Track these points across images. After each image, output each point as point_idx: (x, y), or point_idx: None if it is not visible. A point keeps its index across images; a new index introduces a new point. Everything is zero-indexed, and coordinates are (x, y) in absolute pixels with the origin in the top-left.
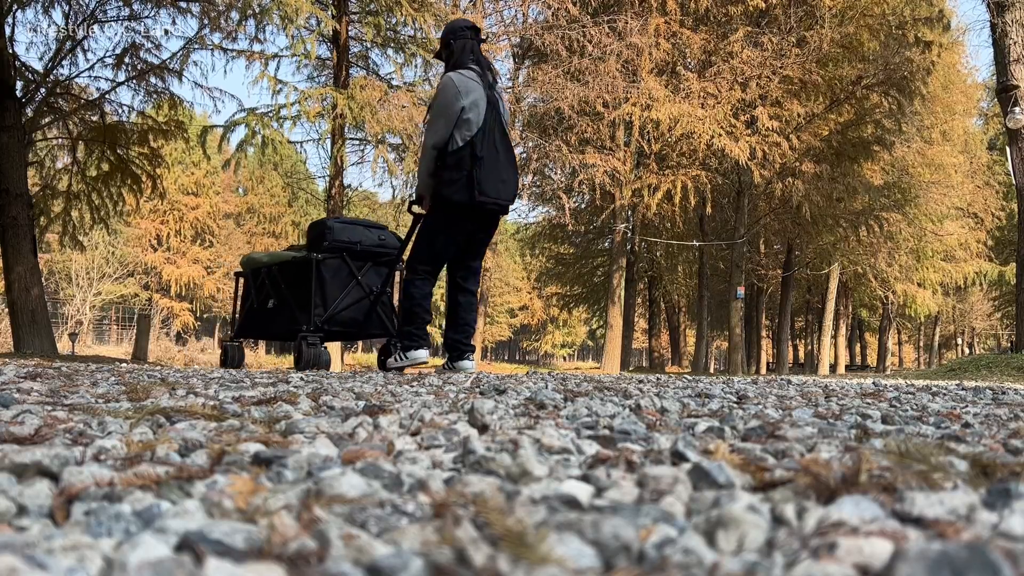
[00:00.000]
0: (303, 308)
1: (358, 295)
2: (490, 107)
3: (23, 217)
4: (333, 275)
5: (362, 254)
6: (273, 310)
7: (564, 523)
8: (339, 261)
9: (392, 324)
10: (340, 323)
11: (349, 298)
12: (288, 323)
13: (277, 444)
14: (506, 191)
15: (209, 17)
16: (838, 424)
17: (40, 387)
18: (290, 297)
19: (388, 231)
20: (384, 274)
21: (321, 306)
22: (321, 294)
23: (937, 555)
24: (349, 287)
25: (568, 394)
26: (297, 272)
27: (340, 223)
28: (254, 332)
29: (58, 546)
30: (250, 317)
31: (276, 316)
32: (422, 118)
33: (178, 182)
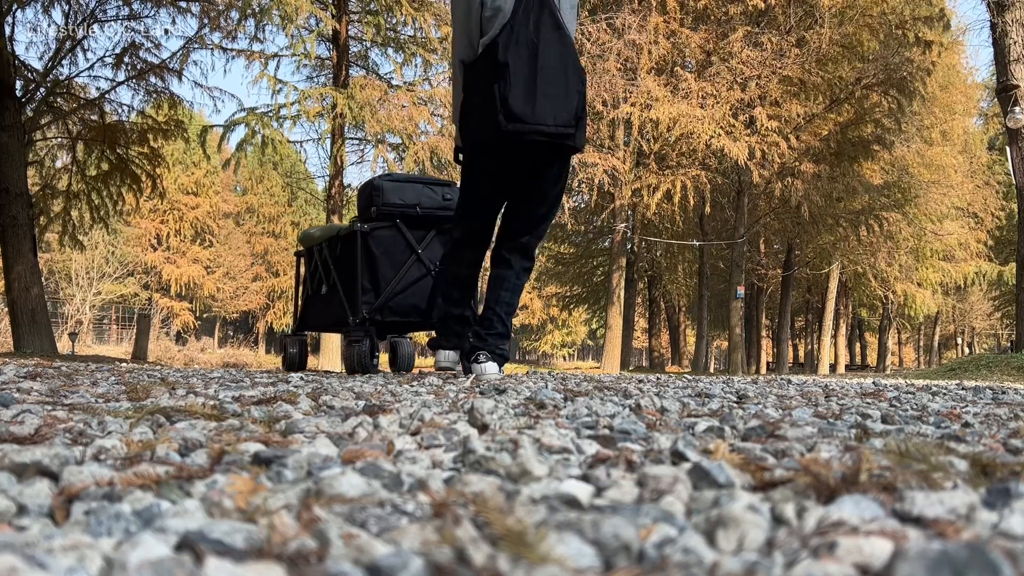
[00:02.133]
0: (350, 295)
1: (418, 274)
2: None
3: (23, 216)
4: (385, 250)
5: (422, 220)
6: (326, 297)
7: (564, 522)
8: (392, 232)
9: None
10: (397, 312)
11: (407, 279)
12: (340, 314)
13: (277, 444)
14: (557, 110)
15: (209, 16)
16: (838, 424)
17: (40, 387)
18: (338, 281)
19: (454, 188)
20: None
21: (371, 291)
22: (370, 275)
23: (937, 555)
24: (407, 265)
25: (568, 394)
26: (344, 249)
27: (392, 181)
28: (313, 323)
29: (58, 546)
30: (308, 306)
31: (328, 305)
32: (422, 118)
33: (178, 182)
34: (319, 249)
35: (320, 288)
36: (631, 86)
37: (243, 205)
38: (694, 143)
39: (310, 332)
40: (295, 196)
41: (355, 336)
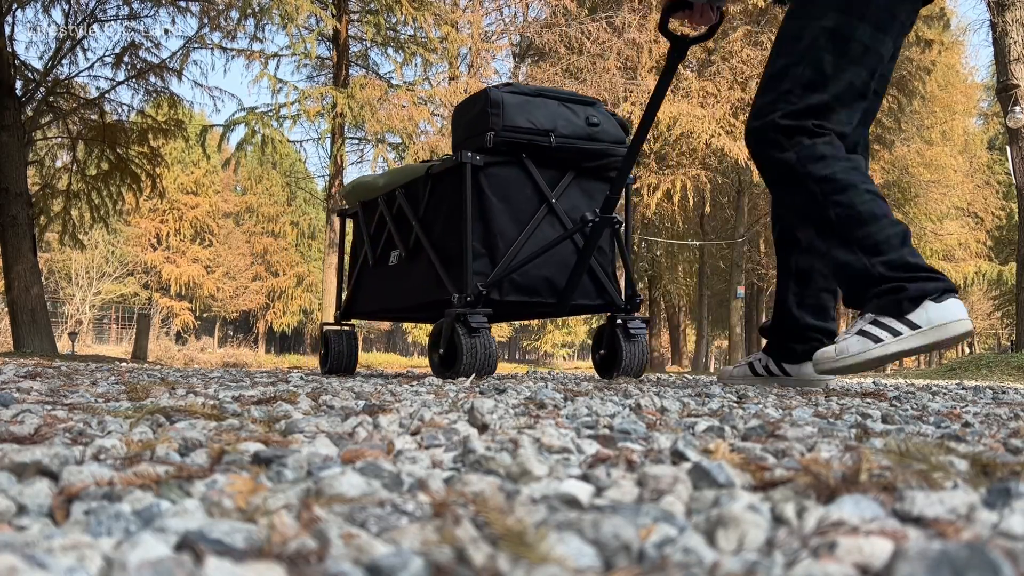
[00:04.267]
0: (452, 261)
1: (551, 233)
2: None
3: (23, 216)
4: (505, 195)
5: (558, 155)
6: (400, 269)
7: (564, 522)
8: (516, 170)
9: (617, 290)
10: (522, 288)
11: (536, 240)
12: (426, 290)
13: (277, 443)
14: None
15: (209, 16)
16: (838, 423)
17: (40, 386)
18: (428, 243)
19: (601, 109)
20: (600, 193)
21: (486, 255)
22: (485, 232)
23: (937, 554)
24: (536, 218)
25: (568, 393)
26: (439, 196)
27: (516, 94)
28: (371, 307)
29: (58, 545)
30: (364, 283)
31: (405, 279)
32: (422, 117)
33: (177, 181)
34: (387, 201)
35: (387, 256)
36: (631, 85)
37: (243, 205)
38: (694, 142)
39: (364, 321)
40: (295, 196)
41: (471, 320)
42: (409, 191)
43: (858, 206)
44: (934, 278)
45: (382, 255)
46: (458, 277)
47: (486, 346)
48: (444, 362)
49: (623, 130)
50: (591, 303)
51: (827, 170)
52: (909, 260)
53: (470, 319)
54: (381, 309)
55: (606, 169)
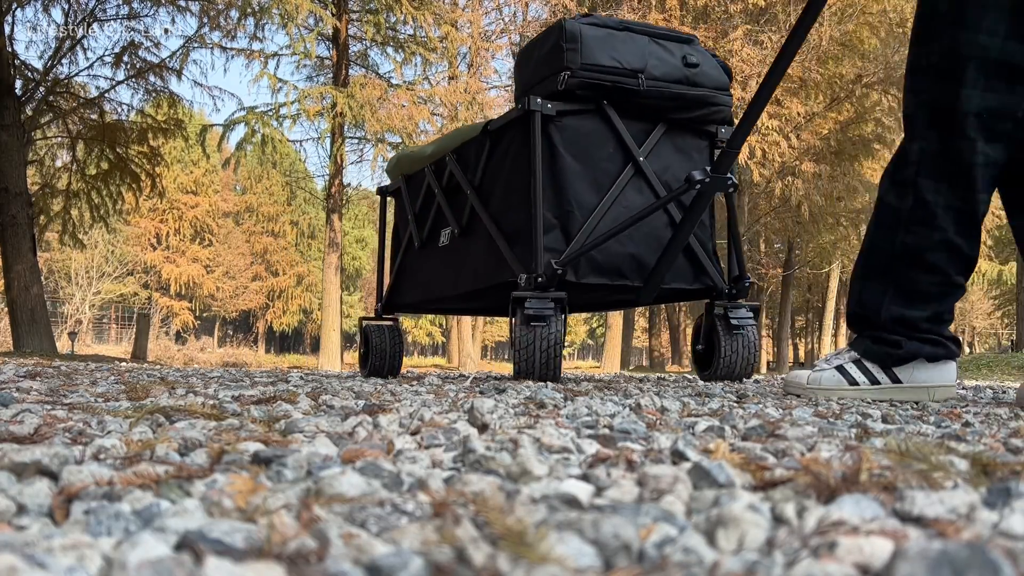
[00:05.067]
0: (516, 235)
1: (638, 200)
2: None
3: (22, 216)
4: (582, 153)
5: (649, 102)
6: (452, 249)
7: (564, 522)
8: (595, 121)
9: (719, 272)
10: (602, 268)
11: (621, 207)
12: (485, 273)
13: (277, 443)
14: None
15: (208, 16)
16: (838, 423)
17: (39, 386)
18: (486, 215)
19: (699, 47)
20: (698, 152)
21: (558, 227)
22: (557, 198)
23: (937, 554)
24: (620, 182)
25: (568, 393)
26: (499, 158)
27: (597, 27)
28: (418, 297)
29: (57, 545)
30: (410, 270)
31: (458, 262)
32: (422, 117)
33: (177, 181)
34: (436, 170)
35: (437, 235)
36: None
37: (242, 204)
38: None
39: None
40: (294, 195)
41: (528, 307)
42: (462, 156)
43: (927, 252)
44: (939, 343)
45: (430, 235)
46: (525, 254)
47: (546, 339)
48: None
49: (726, 74)
50: (687, 287)
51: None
52: (922, 324)
53: (528, 306)
54: (430, 299)
55: (705, 121)
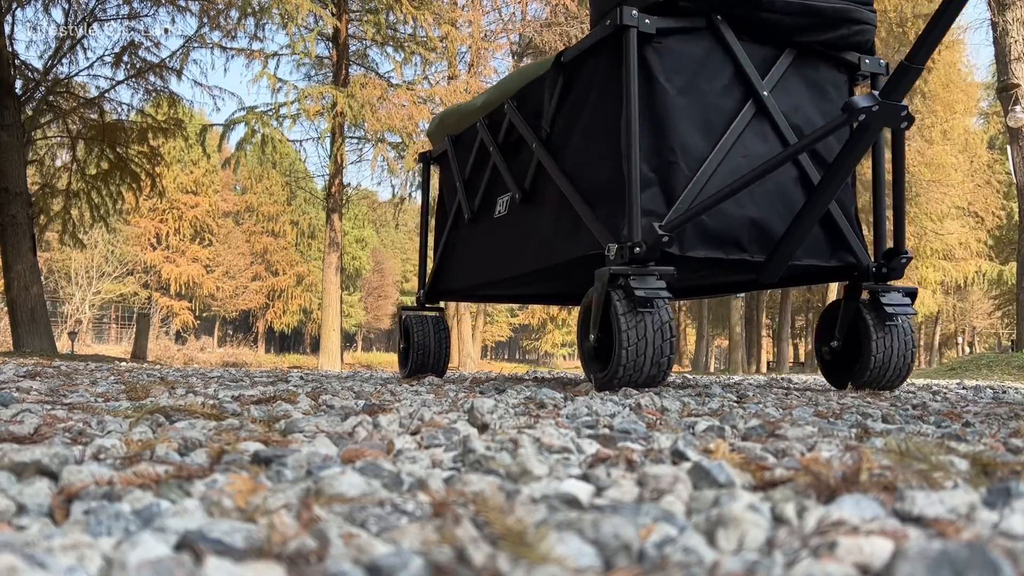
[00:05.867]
0: (601, 195)
1: (763, 148)
2: None
3: (22, 216)
4: (689, 85)
5: (774, 19)
6: (512, 220)
7: (564, 522)
8: (705, 42)
9: (863, 245)
10: (715, 236)
11: (738, 155)
12: (555, 246)
13: (277, 443)
14: None
15: (208, 15)
16: (838, 423)
17: (39, 386)
18: (558, 172)
19: None
20: (834, 87)
21: (656, 182)
22: (656, 144)
23: (937, 554)
24: (737, 124)
25: (568, 393)
26: (576, 97)
27: None
28: (470, 280)
29: (57, 545)
30: (459, 249)
31: (520, 235)
32: (422, 116)
33: (177, 181)
34: (490, 125)
35: (491, 205)
36: None
37: (242, 204)
38: None
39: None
40: (294, 195)
41: (647, 288)
42: (525, 101)
43: None
44: None
45: (484, 205)
46: (613, 218)
47: (660, 331)
48: (598, 356)
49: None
50: (821, 265)
51: None
52: None
53: (635, 284)
54: (484, 282)
55: (844, 46)
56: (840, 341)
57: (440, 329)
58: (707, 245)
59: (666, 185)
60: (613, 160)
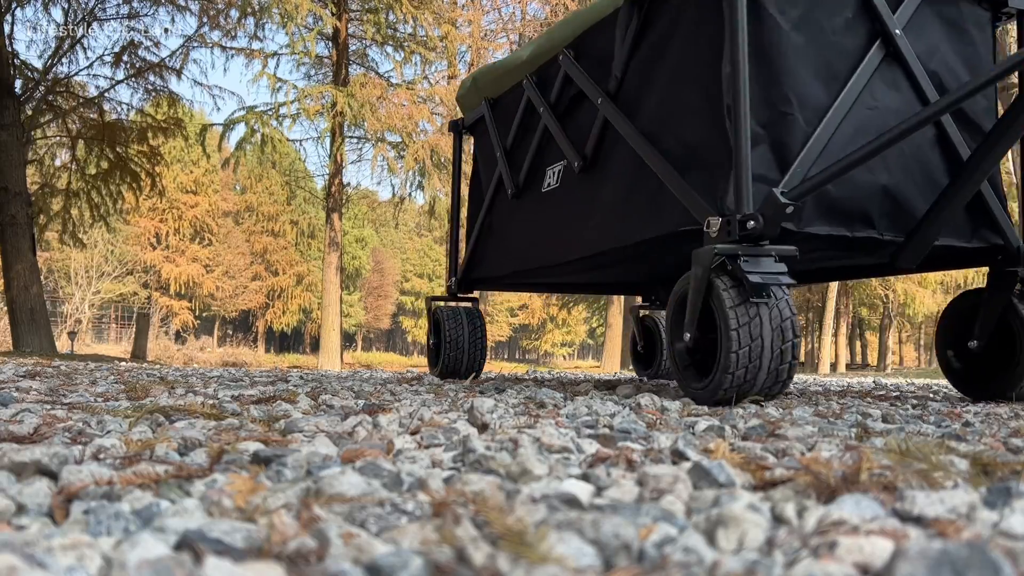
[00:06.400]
0: (693, 157)
1: (896, 99)
2: None
3: (22, 215)
4: (803, 19)
5: None
6: (566, 195)
7: (564, 522)
8: None
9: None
10: (838, 208)
11: (864, 107)
12: (628, 223)
13: (276, 443)
14: None
15: (208, 15)
16: (838, 423)
17: (39, 386)
18: (634, 133)
19: None
20: (977, 28)
21: (764, 139)
22: (766, 93)
23: (938, 554)
24: (863, 69)
25: (568, 393)
26: (658, 38)
27: None
28: (512, 265)
29: (57, 545)
30: (499, 230)
31: (579, 211)
32: (422, 116)
33: (177, 180)
34: (539, 81)
35: (539, 178)
36: None
37: (242, 204)
38: None
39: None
40: (294, 195)
41: (764, 272)
42: (586, 50)
43: None
44: None
45: (530, 178)
46: (713, 186)
47: (780, 329)
48: (695, 362)
49: None
50: (962, 245)
51: None
52: None
53: (747, 267)
54: (531, 268)
55: None
56: (980, 339)
57: (475, 322)
58: (829, 219)
59: (779, 143)
60: (709, 113)
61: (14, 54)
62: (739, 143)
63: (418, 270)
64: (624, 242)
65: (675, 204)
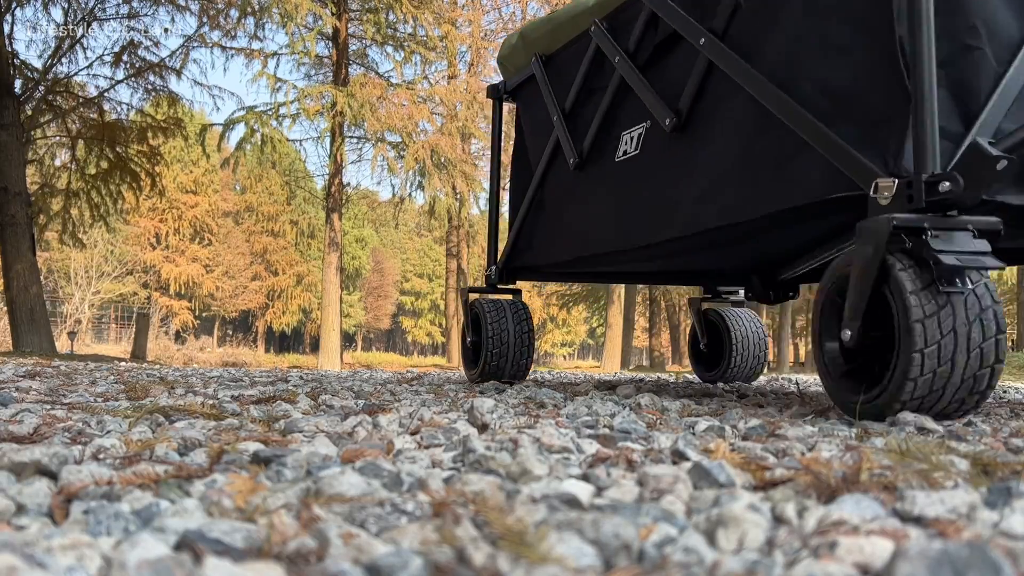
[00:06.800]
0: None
1: None
2: None
3: (22, 215)
4: None
5: None
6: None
7: (564, 522)
8: None
9: None
10: None
11: None
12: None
13: (276, 443)
14: None
15: (208, 15)
16: (839, 423)
17: (39, 386)
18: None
19: None
20: None
21: (942, 79)
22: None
23: (938, 554)
24: None
25: (568, 393)
26: None
27: None
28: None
29: (57, 545)
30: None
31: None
32: (422, 116)
33: (176, 180)
34: (611, 26)
35: (613, 142)
36: None
37: (242, 204)
38: None
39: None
40: (294, 195)
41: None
42: None
43: None
44: None
45: (598, 145)
46: (878, 139)
47: (980, 323)
48: (855, 365)
49: None
50: None
51: None
52: None
53: (938, 244)
54: (600, 252)
55: None
56: None
57: (521, 316)
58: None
59: (961, 85)
60: (868, 49)
61: (14, 54)
62: (921, 84)
63: (418, 270)
64: (741, 217)
65: (818, 166)
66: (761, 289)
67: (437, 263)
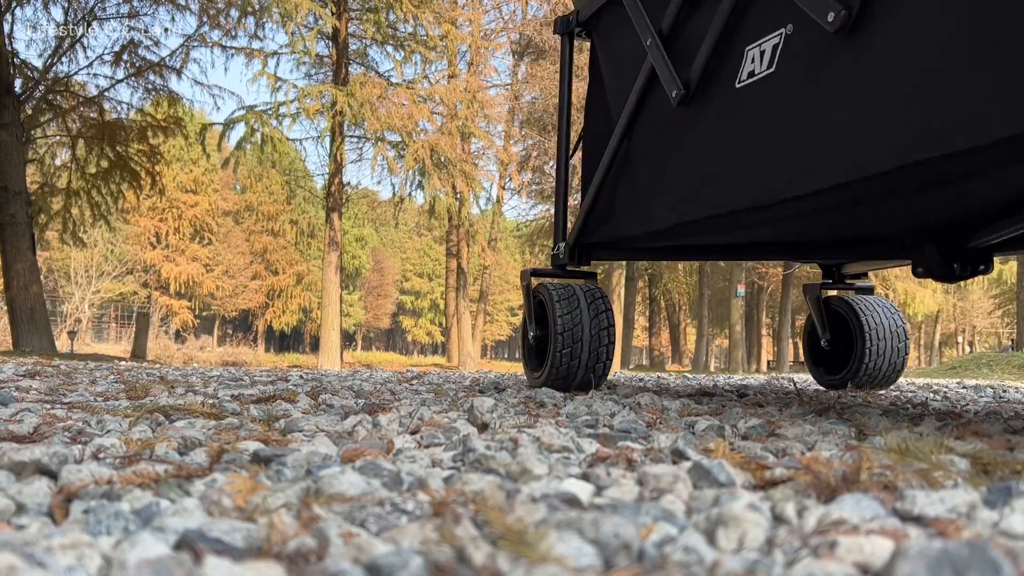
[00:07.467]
0: None
1: None
2: None
3: (22, 215)
4: None
5: None
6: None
7: (564, 521)
8: None
9: None
10: None
11: None
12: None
13: (276, 443)
14: None
15: (208, 14)
16: (838, 422)
17: (39, 385)
18: None
19: None
20: None
21: None
22: None
23: (938, 553)
24: None
25: (568, 393)
26: None
27: None
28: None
29: (57, 544)
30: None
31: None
32: (422, 115)
33: (177, 179)
34: None
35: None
36: None
37: (242, 203)
38: None
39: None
40: (294, 194)
41: None
42: None
43: None
44: None
45: (711, 69)
46: None
47: None
48: None
49: None
50: None
51: None
52: None
53: None
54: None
55: None
56: None
57: (599, 307)
58: None
59: None
60: None
61: (14, 53)
62: None
63: (418, 269)
64: (944, 150)
65: None
66: (940, 261)
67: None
